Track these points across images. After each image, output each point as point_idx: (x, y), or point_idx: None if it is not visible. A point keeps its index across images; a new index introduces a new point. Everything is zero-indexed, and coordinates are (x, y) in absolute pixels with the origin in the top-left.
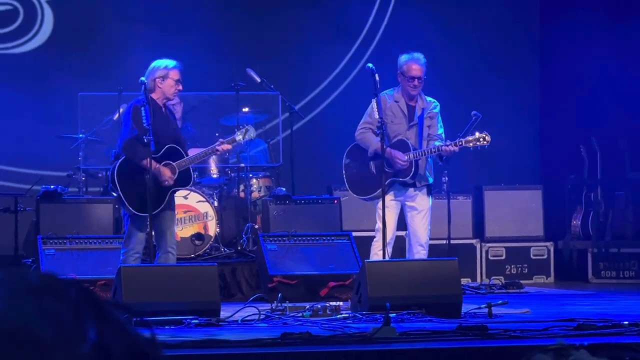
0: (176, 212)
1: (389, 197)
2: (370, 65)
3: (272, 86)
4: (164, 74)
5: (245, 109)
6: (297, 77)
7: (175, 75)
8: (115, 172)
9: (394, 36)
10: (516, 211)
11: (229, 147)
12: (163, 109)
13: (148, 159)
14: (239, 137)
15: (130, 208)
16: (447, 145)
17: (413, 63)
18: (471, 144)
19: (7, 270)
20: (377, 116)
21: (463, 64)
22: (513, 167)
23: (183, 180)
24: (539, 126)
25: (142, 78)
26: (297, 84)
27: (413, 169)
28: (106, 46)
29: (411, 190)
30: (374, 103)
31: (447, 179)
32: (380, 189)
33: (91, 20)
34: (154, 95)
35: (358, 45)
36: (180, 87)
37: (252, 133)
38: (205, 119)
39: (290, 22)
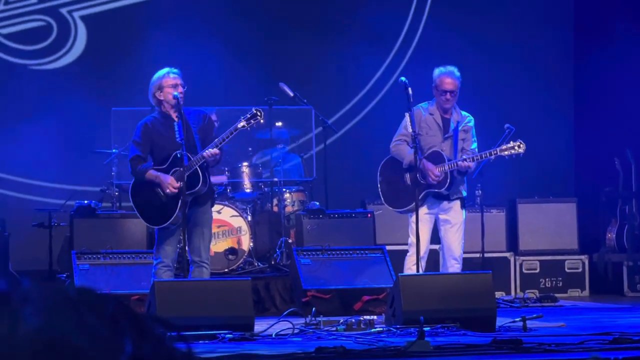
0: (211, 227)
1: (423, 211)
2: (403, 78)
3: (305, 100)
4: (158, 85)
5: (279, 124)
6: (330, 91)
7: (168, 81)
8: (130, 189)
9: (427, 49)
10: (550, 224)
11: (216, 151)
12: (176, 120)
13: (150, 172)
14: (241, 123)
15: (144, 221)
16: (465, 160)
17: (446, 77)
18: (506, 153)
19: (45, 284)
20: (410, 130)
21: (496, 76)
22: (547, 179)
23: (191, 185)
24: (573, 138)
25: (175, 93)
26: (330, 98)
27: (448, 180)
28: (139, 61)
29: (445, 203)
30: (407, 117)
31: (480, 192)
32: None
33: (124, 35)
34: (164, 109)
35: (391, 58)
36: (180, 89)
37: (259, 116)
38: (239, 133)
39: (323, 37)
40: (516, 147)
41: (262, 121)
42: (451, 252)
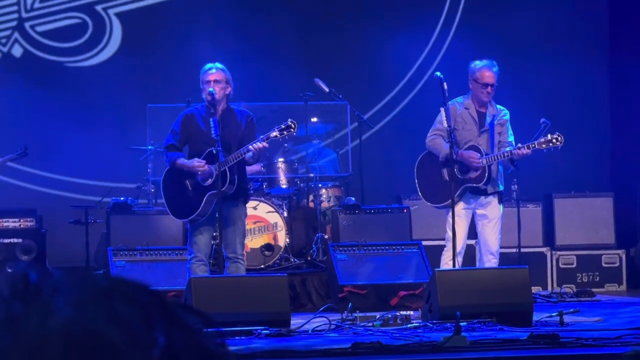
0: (245, 223)
1: (460, 206)
2: (438, 73)
3: (340, 96)
4: (200, 80)
5: (314, 119)
6: (365, 87)
7: (205, 77)
8: (162, 180)
9: (461, 44)
10: (587, 219)
11: (262, 145)
12: (218, 115)
13: (177, 161)
14: (274, 133)
15: (170, 212)
16: (520, 149)
17: (486, 70)
18: (544, 146)
19: (76, 274)
20: (445, 125)
21: (532, 69)
22: (583, 174)
23: (218, 184)
24: (609, 132)
25: (211, 89)
26: (366, 94)
27: (486, 174)
28: (174, 58)
29: (482, 198)
30: (442, 112)
31: (516, 187)
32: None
33: (159, 32)
34: (208, 103)
35: (426, 53)
36: (210, 88)
37: (293, 129)
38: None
39: (358, 32)
40: (554, 140)
41: (294, 133)
42: (488, 247)
